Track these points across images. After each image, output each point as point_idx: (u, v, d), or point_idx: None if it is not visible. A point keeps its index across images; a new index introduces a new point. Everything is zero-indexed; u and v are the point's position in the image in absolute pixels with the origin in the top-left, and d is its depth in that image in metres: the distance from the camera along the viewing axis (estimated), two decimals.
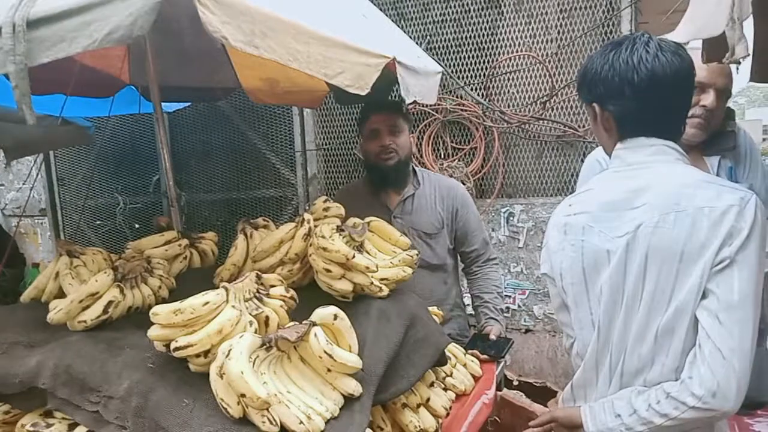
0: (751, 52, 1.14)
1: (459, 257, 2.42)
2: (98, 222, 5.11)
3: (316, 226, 1.63)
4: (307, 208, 1.90)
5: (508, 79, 3.59)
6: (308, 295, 1.55)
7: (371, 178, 2.33)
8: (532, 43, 3.51)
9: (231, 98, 4.02)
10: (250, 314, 1.29)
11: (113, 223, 5.02)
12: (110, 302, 1.45)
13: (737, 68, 1.48)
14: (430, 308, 1.82)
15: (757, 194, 1.12)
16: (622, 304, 1.18)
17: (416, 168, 2.37)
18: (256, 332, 1.27)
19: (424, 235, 2.27)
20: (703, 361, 1.07)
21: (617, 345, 1.20)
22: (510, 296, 3.57)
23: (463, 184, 3.18)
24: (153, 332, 1.23)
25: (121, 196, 4.95)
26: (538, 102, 3.49)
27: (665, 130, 1.21)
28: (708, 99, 1.68)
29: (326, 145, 4.12)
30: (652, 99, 1.18)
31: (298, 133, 4.12)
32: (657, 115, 1.20)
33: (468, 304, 2.43)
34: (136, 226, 4.93)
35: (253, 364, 1.15)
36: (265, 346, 1.21)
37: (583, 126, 3.40)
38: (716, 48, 1.19)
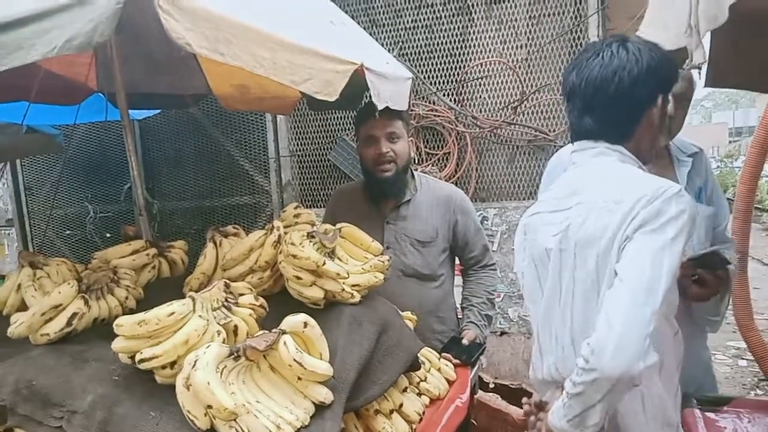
0: (706, 58, 1.18)
1: (459, 262, 2.36)
2: (68, 232, 5.00)
3: (286, 233, 1.62)
4: (281, 214, 1.88)
5: (480, 85, 3.62)
6: (279, 302, 1.54)
7: (368, 185, 2.24)
8: (503, 49, 3.55)
9: (203, 105, 3.99)
10: (218, 324, 1.28)
11: (83, 232, 4.91)
12: (74, 314, 1.42)
13: (699, 73, 1.52)
14: (403, 313, 1.83)
15: (724, 218, 1.15)
16: (560, 300, 1.23)
17: (415, 173, 2.26)
18: (224, 342, 1.26)
19: (416, 243, 2.17)
20: (594, 328, 1.10)
21: (557, 341, 1.26)
22: None
23: None
24: (117, 344, 1.21)
25: (92, 205, 4.85)
26: (510, 107, 3.53)
27: (606, 135, 1.23)
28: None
29: (300, 151, 4.10)
30: (586, 102, 1.22)
31: (272, 140, 4.10)
32: (598, 121, 1.23)
33: (461, 317, 2.38)
34: (108, 235, 4.84)
35: (221, 374, 1.14)
36: (233, 356, 1.19)
37: (554, 130, 3.46)
38: (677, 55, 1.22)
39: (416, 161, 3.74)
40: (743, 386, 4.02)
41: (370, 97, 1.77)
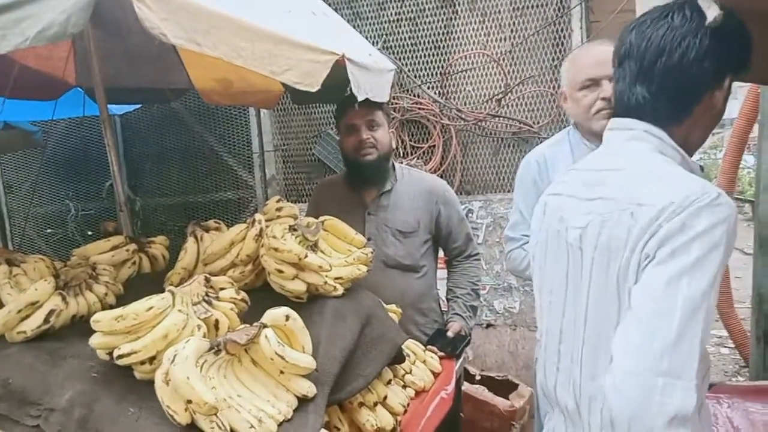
0: None
1: (443, 253, 2.35)
2: (49, 230, 4.93)
3: (267, 227, 1.60)
4: (263, 208, 1.86)
5: (464, 77, 3.62)
6: (261, 296, 1.52)
7: (350, 173, 2.25)
8: (486, 41, 3.55)
9: (185, 99, 3.94)
10: (199, 318, 1.26)
11: (65, 231, 4.85)
12: (52, 311, 1.39)
13: None
14: (387, 306, 1.82)
15: None
16: (582, 302, 1.07)
17: (396, 164, 2.27)
18: (205, 336, 1.24)
19: (398, 233, 2.17)
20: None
21: (573, 349, 1.09)
22: None
23: None
24: (95, 340, 1.19)
25: (73, 203, 4.79)
26: (494, 99, 3.53)
27: (657, 115, 1.04)
28: (606, 91, 1.73)
29: (284, 146, 4.07)
30: (645, 78, 1.03)
31: (256, 135, 4.07)
32: (646, 96, 1.04)
33: (445, 310, 2.38)
34: (90, 233, 4.77)
35: (201, 368, 1.12)
36: (213, 350, 1.18)
37: (538, 122, 3.47)
38: None
39: (401, 154, 3.73)
40: (725, 373, 4.08)
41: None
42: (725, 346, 4.47)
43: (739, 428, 1.52)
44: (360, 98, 1.71)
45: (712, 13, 0.96)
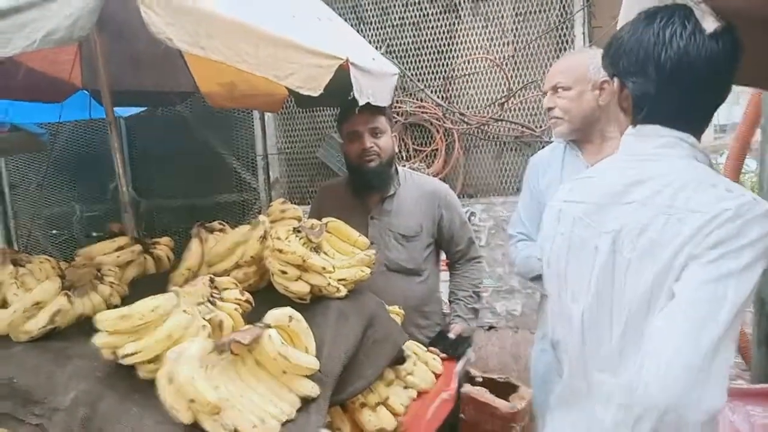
0: None
1: (445, 256, 2.37)
2: (54, 231, 4.96)
3: (271, 228, 1.61)
4: (267, 210, 1.88)
5: (467, 82, 3.64)
6: (265, 298, 1.53)
7: (352, 179, 2.26)
8: (489, 46, 3.56)
9: (191, 102, 3.96)
10: (203, 318, 1.27)
11: (70, 232, 4.87)
12: (57, 311, 1.40)
13: None
14: (390, 308, 1.83)
15: None
16: (611, 307, 1.07)
17: (399, 168, 2.28)
18: (209, 337, 1.25)
19: (400, 238, 2.18)
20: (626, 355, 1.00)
21: (604, 354, 1.08)
22: None
23: None
24: (99, 340, 1.20)
25: (78, 204, 4.81)
26: (496, 103, 3.54)
27: (685, 121, 1.06)
28: (546, 102, 1.92)
29: (288, 148, 4.09)
30: (676, 83, 1.02)
31: (260, 137, 4.09)
32: (679, 103, 1.04)
33: (447, 312, 2.39)
34: (94, 234, 4.79)
35: (205, 369, 1.13)
36: (217, 351, 1.19)
37: (540, 126, 3.48)
38: None
39: (404, 158, 3.74)
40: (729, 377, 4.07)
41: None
42: None
43: (740, 431, 1.52)
44: (361, 102, 1.72)
45: (709, 23, 0.98)
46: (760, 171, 2.69)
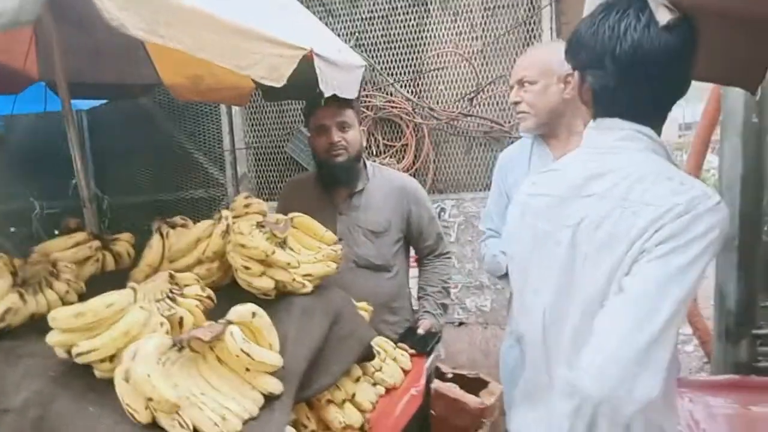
0: None
1: (414, 251, 2.36)
2: (12, 229, 4.78)
3: (235, 223, 1.58)
4: (231, 204, 1.84)
5: (436, 76, 3.64)
6: (228, 294, 1.50)
7: (320, 174, 2.23)
8: (459, 40, 3.57)
9: (156, 95, 3.87)
10: (162, 315, 1.23)
11: (29, 229, 4.71)
12: (8, 309, 1.35)
13: None
14: (358, 304, 1.81)
15: None
16: (571, 301, 1.07)
17: (368, 163, 2.26)
18: (168, 334, 1.22)
19: (369, 234, 2.16)
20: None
21: (564, 348, 1.08)
22: None
23: None
24: (52, 338, 1.15)
25: (38, 201, 4.65)
26: (465, 98, 3.55)
27: (643, 114, 1.06)
28: (512, 96, 1.92)
29: (256, 143, 4.03)
30: (632, 76, 1.03)
31: (227, 132, 4.02)
32: (636, 95, 1.05)
33: (416, 309, 2.39)
34: (55, 232, 4.63)
35: (162, 366, 1.10)
36: (176, 347, 1.16)
37: (509, 122, 3.50)
38: None
39: (374, 153, 3.73)
40: (690, 370, 4.19)
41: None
42: (690, 344, 4.58)
43: (698, 421, 1.55)
44: (327, 94, 1.70)
45: (662, 15, 0.98)
46: (720, 166, 2.75)
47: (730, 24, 1.21)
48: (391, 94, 3.68)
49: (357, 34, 3.71)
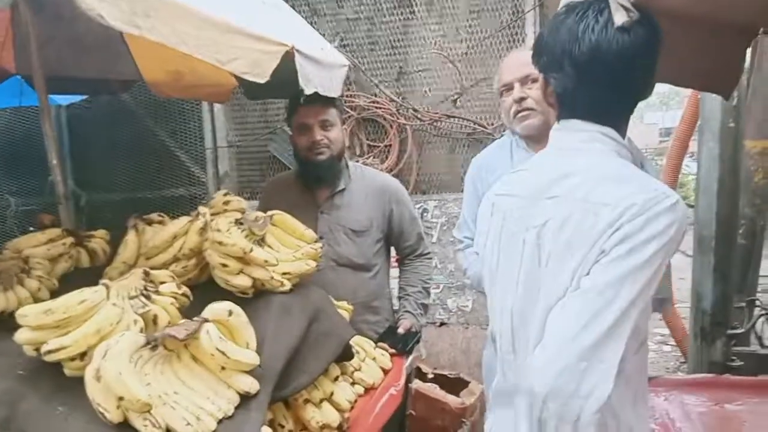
0: None
1: (395, 251, 2.35)
2: None
3: (212, 220, 1.56)
4: (210, 202, 1.82)
5: (421, 78, 3.64)
6: (205, 292, 1.48)
7: (302, 172, 2.21)
8: (443, 42, 3.58)
9: (136, 92, 3.81)
10: (136, 313, 1.21)
11: (4, 226, 4.61)
12: None
13: None
14: (338, 303, 1.80)
15: None
16: (536, 302, 1.06)
17: (350, 162, 2.25)
18: (141, 332, 1.19)
19: (350, 233, 2.14)
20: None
21: (531, 348, 1.07)
22: None
23: None
24: (21, 335, 1.12)
25: (13, 198, 4.56)
26: (449, 100, 3.56)
27: (605, 116, 1.06)
28: (515, 93, 1.81)
29: (238, 142, 4.00)
30: (591, 78, 1.02)
31: (209, 130, 3.98)
32: (596, 97, 1.05)
33: (397, 308, 2.38)
34: (31, 229, 4.54)
35: (135, 364, 1.08)
36: (149, 346, 1.14)
37: (492, 123, 3.51)
38: None
39: (358, 153, 3.72)
40: (666, 369, 4.25)
41: None
42: (667, 344, 4.64)
43: (674, 419, 1.57)
44: (308, 92, 1.68)
45: (619, 16, 0.97)
46: (698, 170, 2.80)
47: (702, 30, 1.22)
48: (375, 95, 3.67)
49: (342, 34, 3.70)
